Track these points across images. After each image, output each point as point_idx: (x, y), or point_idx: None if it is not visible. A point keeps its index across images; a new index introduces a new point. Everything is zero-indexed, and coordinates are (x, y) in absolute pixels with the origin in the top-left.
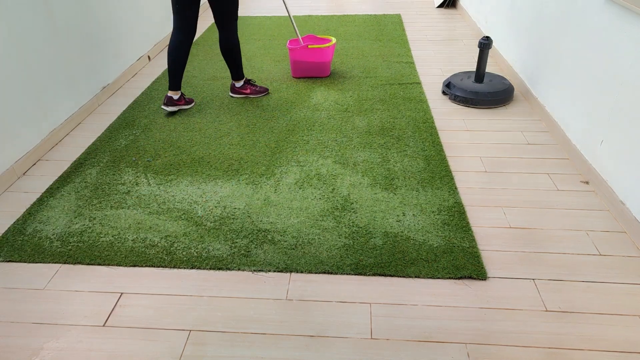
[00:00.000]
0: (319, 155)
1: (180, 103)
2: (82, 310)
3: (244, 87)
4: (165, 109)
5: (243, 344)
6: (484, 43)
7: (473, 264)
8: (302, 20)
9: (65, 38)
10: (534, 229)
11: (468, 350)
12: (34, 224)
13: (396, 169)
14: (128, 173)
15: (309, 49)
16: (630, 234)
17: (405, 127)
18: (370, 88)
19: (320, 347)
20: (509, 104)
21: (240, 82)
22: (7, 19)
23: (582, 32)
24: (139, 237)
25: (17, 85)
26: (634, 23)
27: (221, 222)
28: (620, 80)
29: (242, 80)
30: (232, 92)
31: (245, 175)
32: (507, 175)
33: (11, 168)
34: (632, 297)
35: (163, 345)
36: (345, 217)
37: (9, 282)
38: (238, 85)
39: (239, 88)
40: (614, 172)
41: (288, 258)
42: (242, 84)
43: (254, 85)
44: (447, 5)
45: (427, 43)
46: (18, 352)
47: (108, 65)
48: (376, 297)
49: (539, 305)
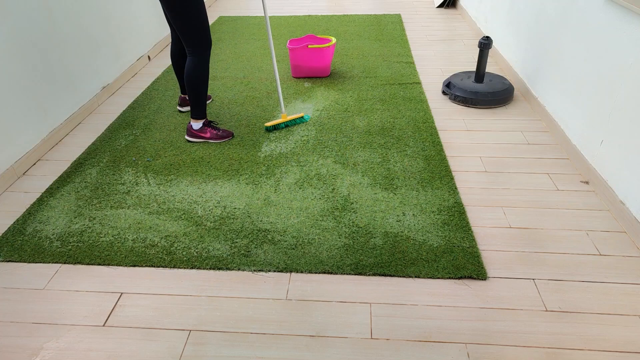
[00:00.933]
0: (319, 155)
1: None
2: (82, 310)
3: (202, 130)
4: (180, 109)
5: (243, 344)
6: (484, 43)
7: (473, 264)
8: (302, 20)
9: (65, 38)
10: (534, 229)
11: (468, 350)
12: (34, 224)
13: (396, 169)
14: (128, 173)
15: (309, 49)
16: (630, 234)
17: (405, 127)
18: (370, 88)
19: (320, 347)
20: (509, 104)
21: (199, 123)
22: (7, 19)
23: (582, 32)
24: (139, 237)
25: (17, 85)
26: (634, 23)
27: (221, 222)
28: (620, 80)
29: (201, 121)
30: (188, 134)
31: (245, 175)
32: (507, 175)
33: (11, 168)
34: (632, 297)
35: (163, 345)
36: (345, 217)
37: (8, 282)
38: (195, 127)
39: (197, 131)
40: (614, 172)
41: (288, 258)
42: (201, 126)
43: (216, 128)
44: (447, 5)
45: (427, 43)
46: (18, 352)
47: (108, 65)
48: (376, 297)
49: (539, 305)
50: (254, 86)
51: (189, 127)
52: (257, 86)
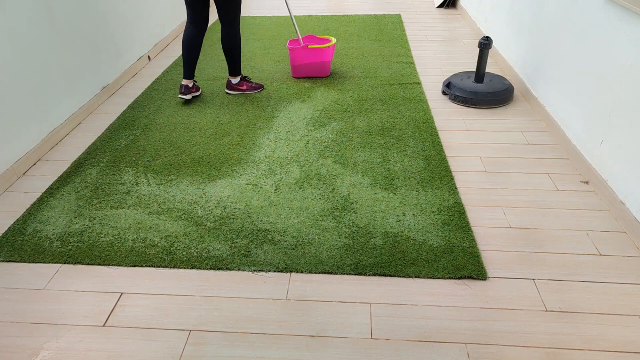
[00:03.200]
0: (319, 155)
1: (193, 90)
2: (82, 310)
3: (240, 84)
4: (183, 97)
5: (243, 344)
6: (484, 43)
7: (473, 264)
8: (302, 20)
9: (65, 38)
10: (534, 229)
11: (468, 350)
12: (34, 224)
13: (396, 169)
14: (128, 173)
15: (309, 49)
16: (630, 234)
17: (405, 127)
18: (370, 88)
19: (320, 347)
20: (509, 104)
21: (237, 79)
22: (7, 19)
23: (582, 32)
24: (139, 237)
25: (17, 85)
26: (634, 23)
27: (221, 222)
28: (620, 80)
29: (238, 77)
30: (228, 88)
31: (245, 175)
32: (507, 175)
33: (11, 168)
34: (632, 297)
35: (163, 345)
36: (345, 217)
37: (9, 282)
38: (234, 82)
39: (236, 84)
40: (614, 172)
41: (288, 258)
42: (239, 81)
43: (249, 81)
44: (447, 5)
45: (427, 43)
46: (18, 352)
47: (108, 65)
48: (376, 297)
49: (539, 305)
50: None
51: (229, 82)
52: None
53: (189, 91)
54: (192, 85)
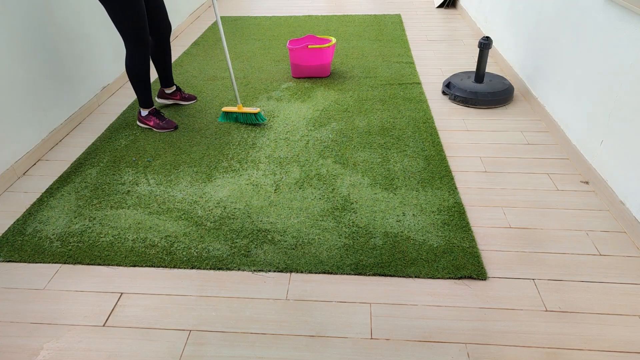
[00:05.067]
0: (319, 155)
1: (176, 97)
2: (82, 310)
3: (147, 118)
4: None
5: (243, 344)
6: (484, 43)
7: (473, 264)
8: (302, 20)
9: (66, 38)
10: (534, 229)
11: (468, 350)
12: (34, 224)
13: (396, 169)
14: (128, 173)
15: (309, 49)
16: (630, 234)
17: (405, 127)
18: (370, 88)
19: (320, 347)
20: (509, 104)
21: (145, 111)
22: (7, 19)
23: (582, 32)
24: (139, 237)
25: (17, 85)
26: (634, 23)
27: (221, 222)
28: (620, 80)
29: (147, 110)
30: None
31: (245, 175)
32: (506, 175)
33: (11, 168)
34: (632, 297)
35: (163, 345)
36: (345, 217)
37: (9, 282)
38: (142, 114)
39: (143, 117)
40: (614, 172)
41: (288, 258)
42: (147, 114)
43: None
44: (447, 5)
45: (427, 43)
46: (18, 352)
47: (108, 65)
48: (376, 297)
49: (539, 305)
50: (254, 86)
51: (138, 113)
52: (257, 86)
53: (165, 96)
54: (172, 92)
